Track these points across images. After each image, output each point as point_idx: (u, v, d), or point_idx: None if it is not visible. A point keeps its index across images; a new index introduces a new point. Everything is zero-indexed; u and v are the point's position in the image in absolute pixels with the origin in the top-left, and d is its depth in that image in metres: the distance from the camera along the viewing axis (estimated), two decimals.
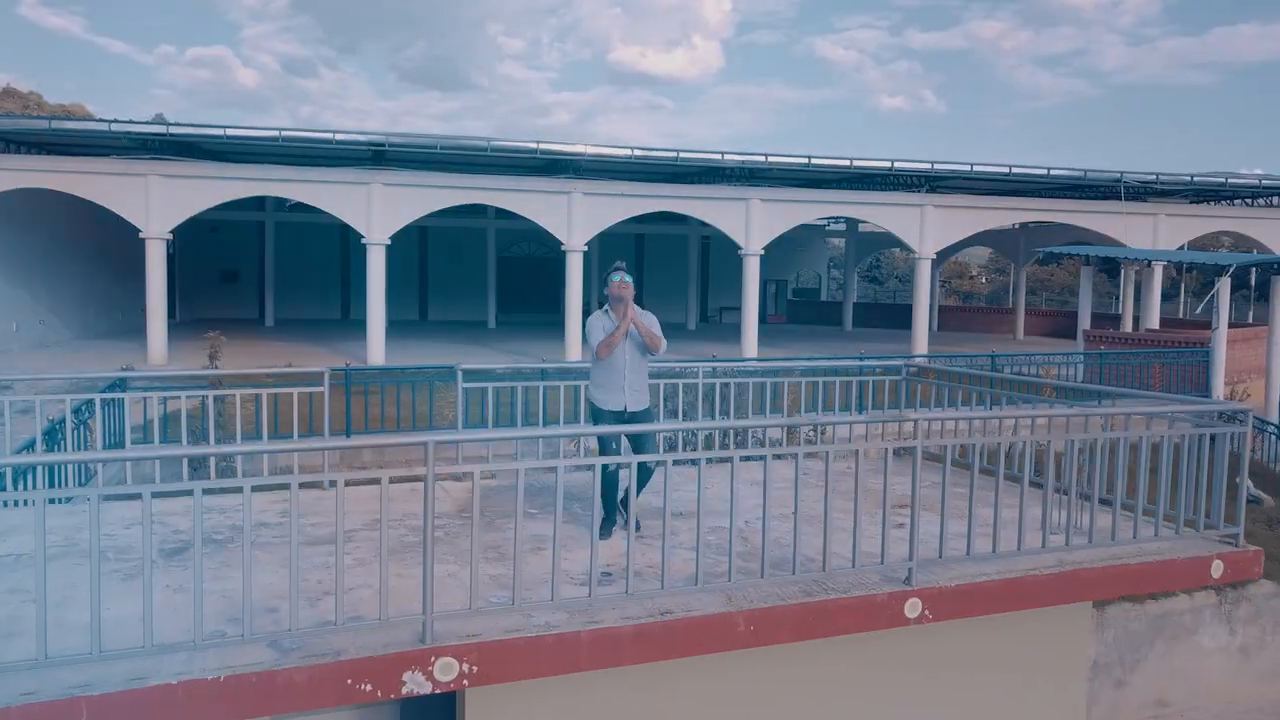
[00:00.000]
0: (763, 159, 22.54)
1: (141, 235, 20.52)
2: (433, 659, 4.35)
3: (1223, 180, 25.33)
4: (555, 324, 23.13)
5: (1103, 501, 6.31)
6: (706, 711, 5.36)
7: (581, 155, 21.79)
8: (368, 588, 5.00)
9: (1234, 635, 11.16)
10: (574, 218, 22.38)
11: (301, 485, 4.48)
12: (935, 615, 5.38)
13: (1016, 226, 35.23)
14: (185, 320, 32.19)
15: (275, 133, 20.52)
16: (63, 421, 9.07)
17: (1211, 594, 11.00)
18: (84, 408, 9.46)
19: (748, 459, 5.72)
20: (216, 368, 11.99)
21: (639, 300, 6.52)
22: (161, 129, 20.94)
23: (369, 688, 4.25)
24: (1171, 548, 6.21)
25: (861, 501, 5.34)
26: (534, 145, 21.23)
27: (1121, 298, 30.38)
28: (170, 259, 34.85)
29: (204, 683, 4.00)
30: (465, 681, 4.42)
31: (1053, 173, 24.44)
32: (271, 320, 34.53)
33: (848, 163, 22.78)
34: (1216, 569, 6.17)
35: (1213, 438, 6.30)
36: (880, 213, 25.48)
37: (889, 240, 26.74)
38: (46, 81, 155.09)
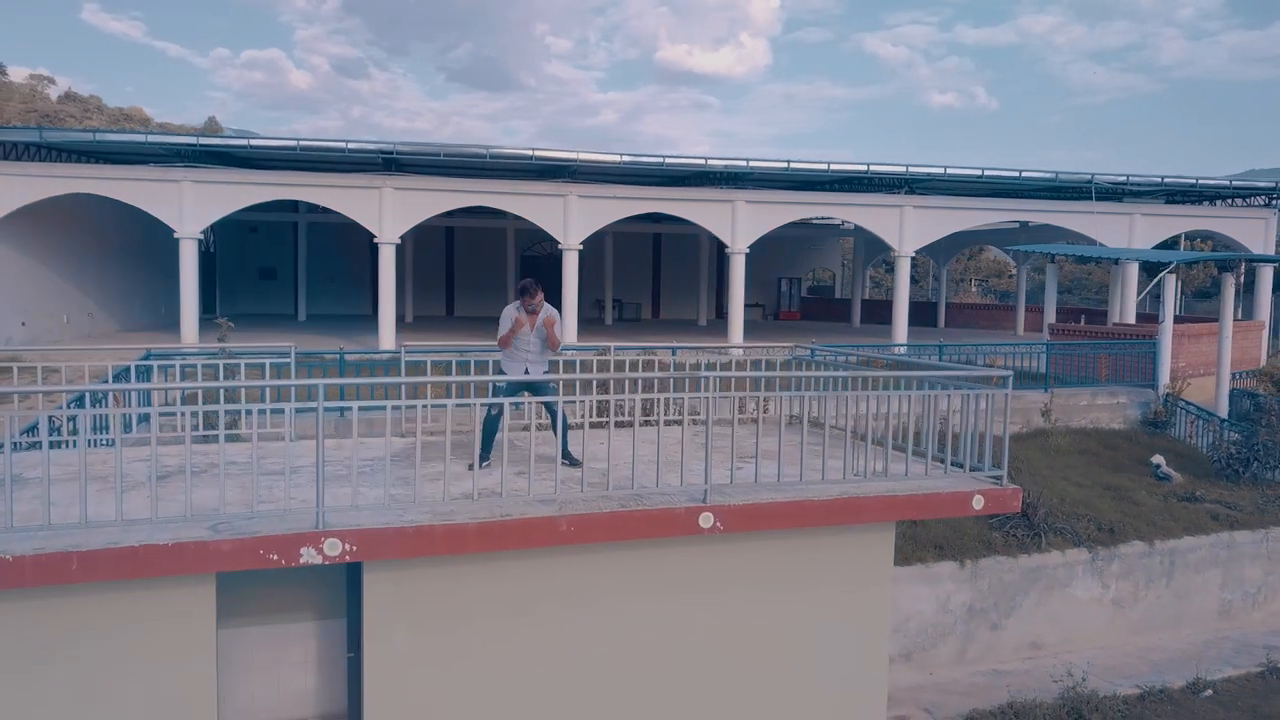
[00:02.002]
0: (745, 164, 23.96)
1: (175, 235, 22.67)
2: (323, 539, 6.07)
3: (1193, 181, 26.23)
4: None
5: (897, 448, 7.91)
6: (552, 594, 7.01)
7: (575, 160, 23.39)
8: (293, 499, 6.75)
9: (1107, 589, 12.52)
10: (569, 218, 24.05)
11: (275, 438, 6.23)
12: (726, 527, 6.98)
13: (1016, 225, 36.24)
14: (225, 315, 34.40)
15: (294, 142, 22.59)
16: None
17: (1084, 550, 12.40)
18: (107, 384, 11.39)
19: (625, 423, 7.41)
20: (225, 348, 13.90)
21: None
22: (193, 139, 23.12)
23: (275, 556, 5.99)
24: (943, 484, 7.74)
25: (706, 448, 6.97)
26: (529, 151, 22.91)
27: (1112, 294, 31.30)
28: (211, 258, 37.37)
29: (158, 546, 5.76)
30: (347, 557, 6.14)
31: (1024, 175, 25.57)
32: (304, 315, 36.68)
33: (826, 166, 24.11)
34: (977, 502, 7.67)
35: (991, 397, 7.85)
36: (861, 213, 26.67)
37: None
38: (107, 85, 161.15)
